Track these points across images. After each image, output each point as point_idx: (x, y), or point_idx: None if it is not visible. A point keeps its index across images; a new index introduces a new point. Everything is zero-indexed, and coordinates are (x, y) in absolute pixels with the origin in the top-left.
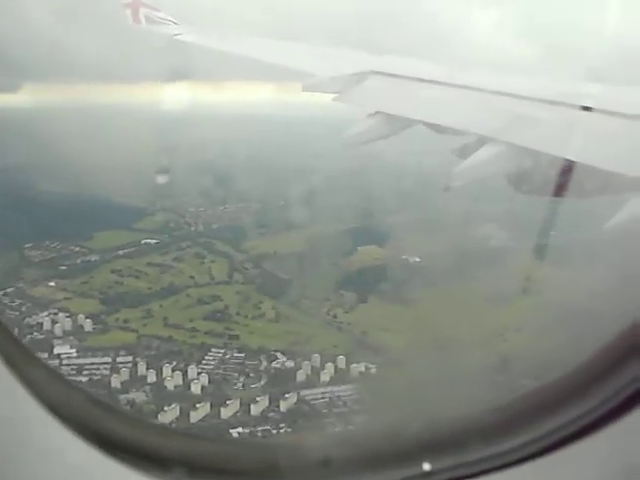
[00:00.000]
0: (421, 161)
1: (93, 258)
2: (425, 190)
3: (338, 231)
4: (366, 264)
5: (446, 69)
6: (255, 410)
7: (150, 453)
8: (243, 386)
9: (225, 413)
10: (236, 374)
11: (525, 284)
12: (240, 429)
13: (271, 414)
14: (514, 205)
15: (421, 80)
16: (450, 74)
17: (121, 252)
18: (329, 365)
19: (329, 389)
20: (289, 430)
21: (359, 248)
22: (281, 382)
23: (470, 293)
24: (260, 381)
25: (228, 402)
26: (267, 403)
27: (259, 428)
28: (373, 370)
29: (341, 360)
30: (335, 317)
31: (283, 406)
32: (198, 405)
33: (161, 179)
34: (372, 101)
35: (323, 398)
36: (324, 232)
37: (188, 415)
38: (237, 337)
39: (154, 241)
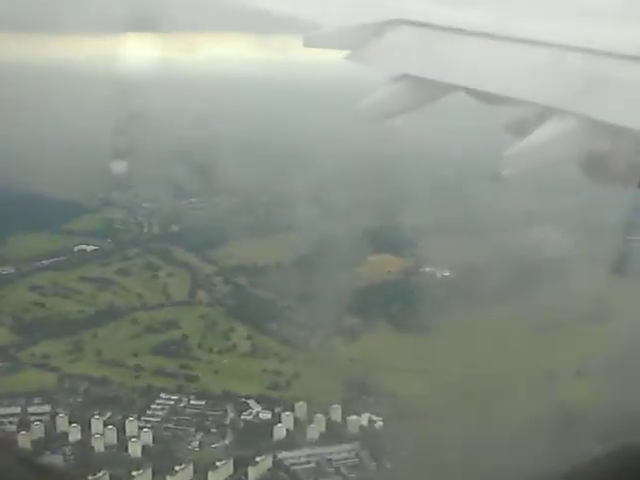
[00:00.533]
0: (461, 141)
1: (6, 270)
2: (463, 180)
3: (341, 235)
4: (377, 279)
5: (496, 17)
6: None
7: None
8: (200, 446)
9: None
10: (192, 429)
11: (594, 307)
12: None
13: None
14: (584, 201)
15: (462, 32)
16: (501, 24)
17: (45, 262)
18: (318, 417)
19: (317, 450)
20: None
21: (369, 258)
22: (252, 440)
23: (516, 320)
24: (224, 439)
25: (177, 468)
26: (231, 470)
27: None
28: (380, 424)
29: (336, 410)
30: (331, 350)
31: (253, 474)
32: (135, 473)
33: (113, 163)
34: (396, 60)
35: (308, 462)
36: (322, 236)
37: None
38: (196, 378)
39: (91, 247)
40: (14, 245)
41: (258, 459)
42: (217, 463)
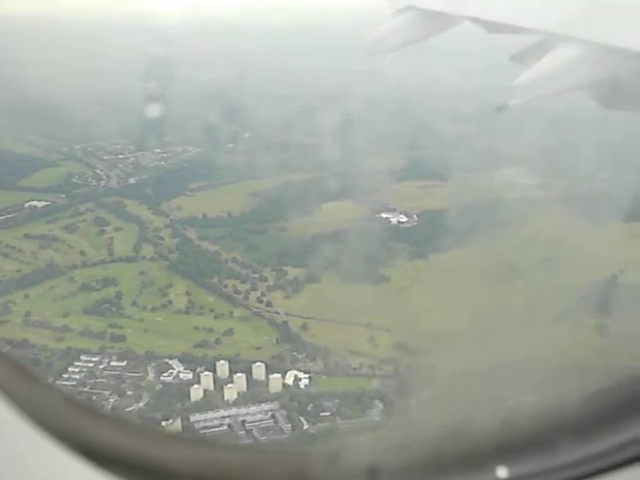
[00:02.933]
0: (466, 71)
1: None
2: (444, 120)
3: (298, 181)
4: (329, 228)
5: None
6: None
7: (152, 465)
8: (113, 409)
9: None
10: (108, 392)
11: (551, 253)
12: None
13: None
14: (562, 140)
15: None
16: None
17: None
18: (238, 377)
19: (233, 411)
20: None
21: (323, 205)
22: (168, 403)
23: (465, 267)
24: (139, 401)
25: None
26: None
27: None
28: (305, 382)
29: (258, 369)
30: (269, 305)
31: None
32: None
33: (79, 114)
34: None
35: (221, 425)
36: (279, 183)
37: None
38: (123, 338)
39: (42, 204)
40: None
41: (164, 424)
42: None
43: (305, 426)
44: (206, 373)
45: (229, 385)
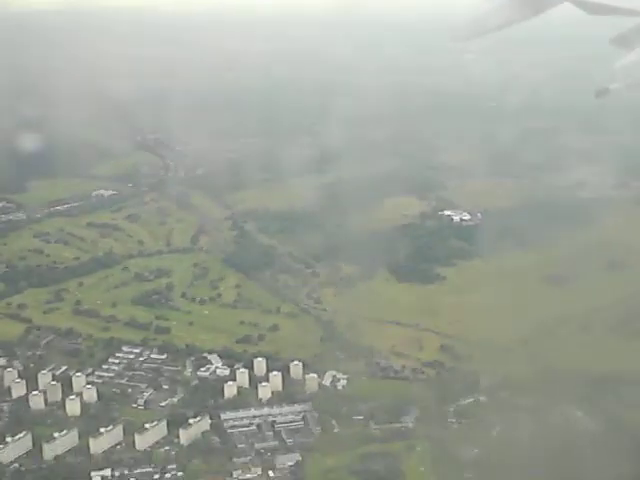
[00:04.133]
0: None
1: (18, 217)
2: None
3: (363, 176)
4: (389, 224)
5: None
6: (141, 443)
7: None
8: (145, 404)
9: (94, 448)
10: (144, 385)
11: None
12: (105, 472)
13: (164, 449)
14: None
15: None
16: None
17: (60, 208)
18: (274, 375)
19: (265, 411)
20: (179, 474)
21: (386, 200)
22: (202, 399)
23: (527, 271)
24: (173, 396)
25: (103, 430)
26: (165, 432)
27: (137, 471)
28: (343, 382)
29: (296, 368)
30: (318, 302)
31: (184, 437)
32: (57, 435)
33: (150, 105)
34: None
35: (250, 425)
36: (344, 178)
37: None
38: (167, 330)
39: (109, 193)
40: (34, 191)
41: (192, 421)
42: (146, 425)
43: (336, 429)
44: (242, 370)
45: (264, 384)
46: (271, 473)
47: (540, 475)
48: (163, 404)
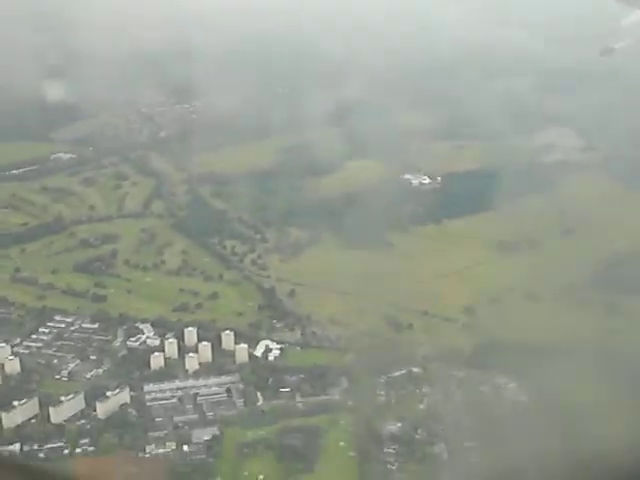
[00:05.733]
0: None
1: None
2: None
3: (328, 137)
4: (346, 188)
5: None
6: (57, 417)
7: None
8: (69, 375)
9: (6, 421)
10: (71, 356)
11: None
12: (13, 447)
13: (79, 423)
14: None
15: None
16: None
17: (15, 172)
18: (204, 345)
19: (189, 383)
20: (90, 449)
21: (347, 163)
22: (127, 370)
23: (479, 235)
24: (100, 367)
25: (17, 404)
26: (82, 404)
27: (47, 446)
28: (276, 352)
29: (227, 338)
30: (263, 268)
31: (101, 411)
32: None
33: (121, 65)
34: None
35: (172, 398)
36: (307, 140)
37: None
38: (104, 299)
39: (68, 156)
40: None
41: (110, 394)
42: (62, 398)
43: (260, 402)
44: (171, 340)
45: (191, 354)
46: (185, 447)
47: (459, 448)
48: (88, 375)
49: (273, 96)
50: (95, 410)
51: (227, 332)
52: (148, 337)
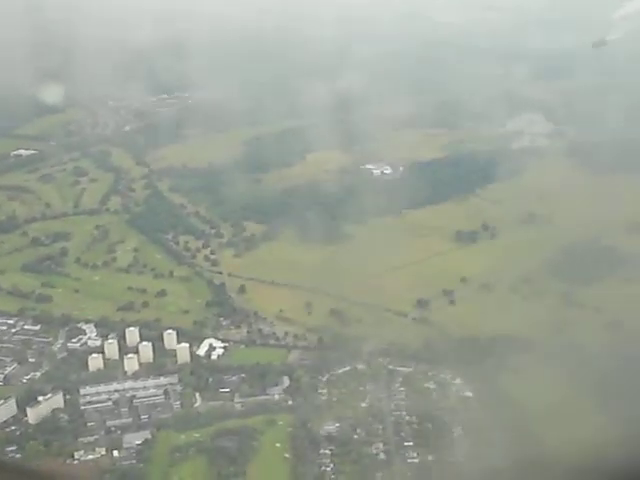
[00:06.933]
0: None
1: None
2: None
3: (295, 128)
4: (306, 179)
5: None
6: None
7: None
8: (5, 379)
9: None
10: (9, 359)
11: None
12: None
13: (8, 429)
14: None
15: None
16: None
17: None
18: (144, 345)
19: (127, 385)
20: (16, 457)
21: (309, 155)
22: (65, 372)
23: (439, 226)
24: (37, 370)
25: None
26: (14, 410)
27: None
28: (219, 351)
29: (169, 337)
30: (215, 264)
31: (32, 416)
32: None
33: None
34: None
35: (107, 400)
36: (274, 131)
37: None
38: (49, 299)
39: (30, 152)
40: None
41: (41, 399)
42: None
43: (197, 404)
44: (110, 341)
45: (130, 355)
46: (116, 453)
47: (396, 448)
48: (25, 379)
49: (252, 86)
50: (27, 415)
51: (169, 331)
52: (90, 338)
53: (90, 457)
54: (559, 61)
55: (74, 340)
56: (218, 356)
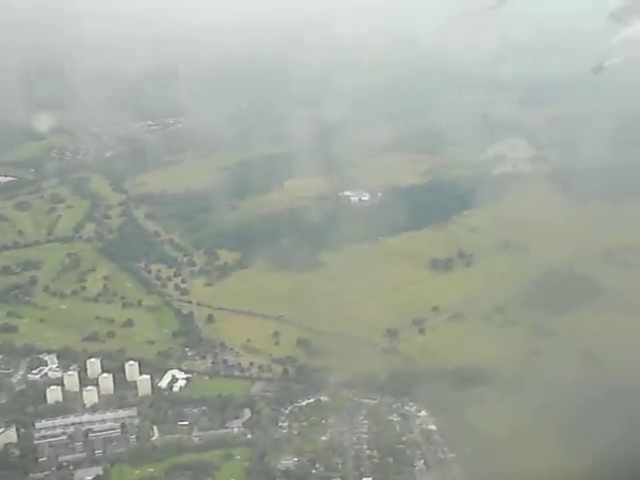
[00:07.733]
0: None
1: None
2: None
3: (275, 155)
4: (282, 206)
5: None
6: None
7: None
8: None
9: None
10: None
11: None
12: None
13: None
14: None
15: None
16: None
17: None
18: (104, 377)
19: (84, 418)
20: None
21: (287, 182)
22: (22, 405)
23: (415, 254)
24: None
25: None
26: None
27: None
28: (182, 383)
29: (131, 369)
30: (184, 293)
31: None
32: None
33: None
34: None
35: (62, 435)
36: (252, 157)
37: None
38: (15, 329)
39: (7, 179)
40: None
41: None
42: None
43: (154, 437)
44: (70, 372)
45: (89, 387)
46: None
47: None
48: None
49: (237, 113)
50: None
51: (131, 362)
52: (51, 369)
53: None
54: (545, 88)
55: (34, 371)
56: (180, 388)
